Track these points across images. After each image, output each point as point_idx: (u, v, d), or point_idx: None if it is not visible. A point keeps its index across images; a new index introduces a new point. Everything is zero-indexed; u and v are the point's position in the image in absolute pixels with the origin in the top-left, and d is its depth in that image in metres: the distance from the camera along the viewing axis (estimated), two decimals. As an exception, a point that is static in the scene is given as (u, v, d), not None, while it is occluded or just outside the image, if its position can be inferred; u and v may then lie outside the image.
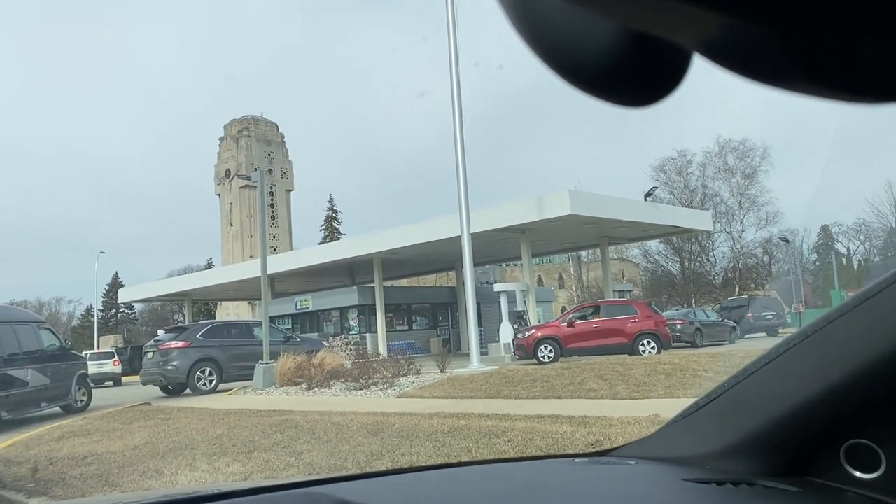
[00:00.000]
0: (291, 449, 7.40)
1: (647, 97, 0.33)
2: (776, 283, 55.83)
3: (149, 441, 8.88)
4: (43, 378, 14.41)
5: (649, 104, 0.33)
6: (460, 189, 17.37)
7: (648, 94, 0.32)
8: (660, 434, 1.30)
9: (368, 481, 1.22)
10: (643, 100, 0.33)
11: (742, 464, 1.13)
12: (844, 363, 1.01)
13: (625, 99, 0.32)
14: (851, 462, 1.08)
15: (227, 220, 64.33)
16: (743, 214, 49.00)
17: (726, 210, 49.30)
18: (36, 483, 6.66)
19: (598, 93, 0.32)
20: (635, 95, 0.32)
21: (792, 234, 53.39)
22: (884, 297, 0.98)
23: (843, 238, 62.29)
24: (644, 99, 0.33)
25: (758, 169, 48.40)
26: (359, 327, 31.75)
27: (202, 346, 18.31)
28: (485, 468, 1.45)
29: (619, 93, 0.32)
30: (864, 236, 58.60)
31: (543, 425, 7.61)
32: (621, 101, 0.32)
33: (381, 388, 13.80)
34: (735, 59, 0.28)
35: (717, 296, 48.28)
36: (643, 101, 0.33)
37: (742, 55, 0.28)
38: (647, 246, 51.96)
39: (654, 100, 0.33)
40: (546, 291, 44.37)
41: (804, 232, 61.52)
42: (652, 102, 0.33)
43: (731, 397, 1.17)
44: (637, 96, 0.32)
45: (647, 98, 0.33)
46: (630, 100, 0.33)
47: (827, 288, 49.94)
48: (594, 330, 19.22)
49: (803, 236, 60.44)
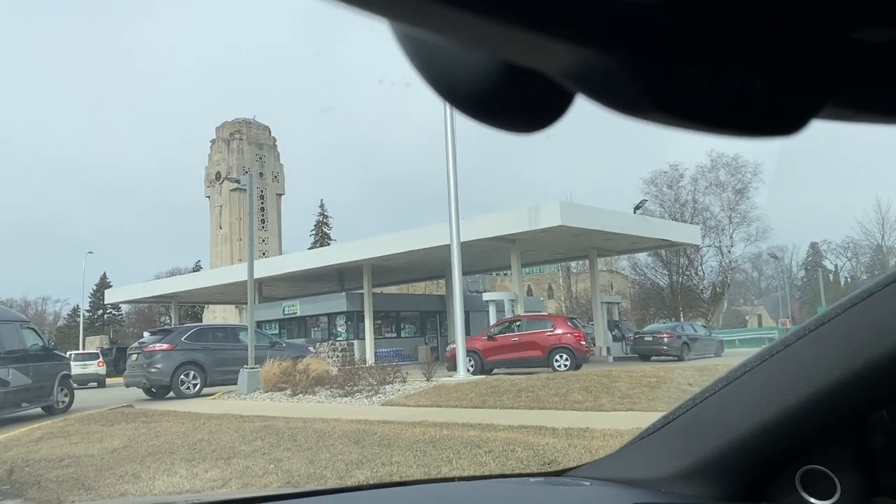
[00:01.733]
0: (271, 456, 7.34)
1: (530, 125, 0.33)
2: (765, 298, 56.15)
3: (128, 444, 8.80)
4: (24, 378, 14.27)
5: (533, 131, 0.33)
6: (451, 197, 17.37)
7: (531, 121, 0.33)
8: (617, 455, 1.29)
9: (333, 497, 1.20)
10: (528, 127, 0.33)
11: (697, 487, 1.11)
12: (801, 388, 1.00)
13: (509, 126, 0.33)
14: (807, 488, 1.07)
15: (217, 222, 64.12)
16: (732, 229, 49.18)
17: (716, 224, 49.49)
18: (11, 485, 6.59)
19: (481, 118, 0.32)
20: (518, 123, 0.33)
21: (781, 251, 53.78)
22: (840, 321, 0.97)
23: (831, 255, 62.73)
24: (527, 126, 0.33)
25: (749, 185, 48.60)
26: (346, 333, 31.65)
27: (187, 350, 18.09)
28: (438, 487, 1.43)
29: (502, 120, 0.32)
30: (851, 253, 59.02)
31: (526, 436, 7.59)
32: (505, 127, 0.33)
33: (367, 395, 13.74)
34: (594, 89, 0.29)
35: (704, 310, 48.41)
36: (526, 129, 0.33)
37: (598, 85, 0.29)
38: (636, 258, 52.07)
39: (537, 127, 0.33)
40: (535, 301, 44.33)
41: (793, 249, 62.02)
42: (537, 130, 0.33)
43: (687, 420, 1.15)
44: (519, 123, 0.33)
45: (530, 126, 0.33)
46: (514, 127, 0.33)
47: (814, 304, 50.23)
48: (512, 343, 19.30)
49: (792, 253, 60.92)
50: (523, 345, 19.29)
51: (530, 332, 19.65)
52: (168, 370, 17.61)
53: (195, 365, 18.03)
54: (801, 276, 64.28)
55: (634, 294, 58.80)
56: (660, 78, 0.28)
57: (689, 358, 23.55)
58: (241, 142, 63.86)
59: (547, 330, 19.44)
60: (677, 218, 45.51)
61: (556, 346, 18.94)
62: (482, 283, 50.80)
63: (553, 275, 65.94)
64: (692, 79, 0.28)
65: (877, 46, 0.29)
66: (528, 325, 20.15)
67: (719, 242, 49.43)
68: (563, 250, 28.93)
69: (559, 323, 19.71)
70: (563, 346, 18.90)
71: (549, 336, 19.22)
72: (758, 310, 59.13)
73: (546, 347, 19.02)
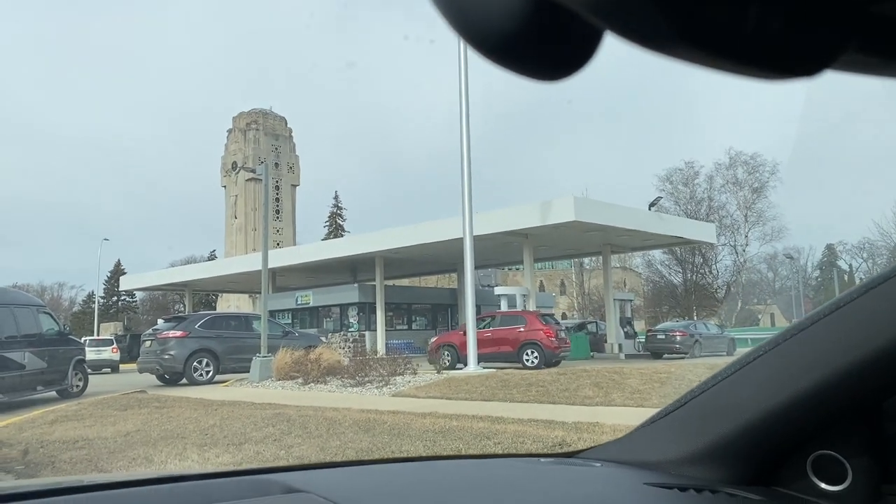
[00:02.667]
0: (282, 442, 7.40)
1: (558, 70, 0.33)
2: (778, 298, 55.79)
3: (141, 428, 8.88)
4: (40, 362, 14.43)
5: (561, 78, 0.33)
6: (464, 191, 17.37)
7: (558, 65, 0.32)
8: (628, 438, 1.30)
9: (321, 471, 1.22)
10: (553, 73, 0.33)
11: (707, 470, 1.12)
12: (813, 373, 1.00)
13: (534, 71, 0.32)
14: (818, 473, 1.07)
15: (232, 212, 64.42)
16: (748, 228, 48.83)
17: (731, 223, 49.14)
18: (26, 465, 6.67)
19: (505, 61, 0.32)
20: (544, 67, 0.32)
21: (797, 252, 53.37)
22: (853, 308, 0.97)
23: (846, 256, 62.16)
24: (554, 72, 0.33)
25: (766, 184, 48.22)
26: (358, 325, 31.72)
27: (200, 337, 18.28)
28: (448, 463, 1.44)
29: (527, 64, 0.32)
30: (867, 254, 58.44)
31: (535, 429, 7.59)
32: (531, 73, 0.32)
33: (377, 386, 13.80)
34: (620, 24, 0.29)
35: (718, 309, 48.18)
36: (554, 75, 0.33)
37: (624, 20, 0.29)
38: (651, 256, 51.86)
39: (565, 73, 0.33)
40: (547, 297, 44.24)
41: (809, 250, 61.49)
42: (564, 76, 0.33)
43: (698, 404, 1.16)
44: (546, 68, 0.32)
45: (558, 71, 0.33)
46: (540, 72, 0.32)
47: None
48: (486, 338, 19.43)
49: (808, 254, 60.42)
50: (496, 340, 19.62)
51: (503, 328, 20.01)
52: (181, 357, 17.77)
53: (208, 352, 18.19)
54: (815, 277, 63.81)
55: (648, 292, 58.59)
56: (683, 11, 0.28)
57: (701, 355, 23.47)
58: (257, 132, 64.06)
59: (519, 326, 19.79)
60: (692, 216, 45.25)
61: (525, 342, 19.29)
62: (494, 277, 50.74)
63: (566, 271, 65.78)
64: (715, 12, 0.28)
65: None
66: (502, 320, 20.54)
67: (734, 241, 49.15)
68: (576, 246, 28.84)
69: (531, 320, 19.94)
70: (532, 342, 19.22)
71: (520, 332, 19.56)
72: (771, 309, 58.75)
73: (517, 343, 19.38)
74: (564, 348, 19.49)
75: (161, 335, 18.40)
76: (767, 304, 59.62)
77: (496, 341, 19.54)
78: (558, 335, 19.59)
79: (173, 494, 0.96)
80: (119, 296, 76.16)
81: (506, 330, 19.85)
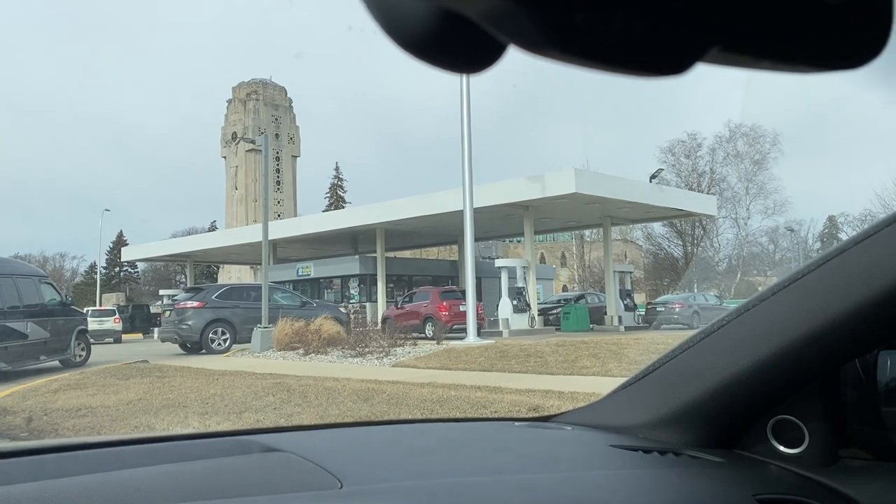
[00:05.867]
0: (282, 411, 7.50)
1: (472, 65, 0.35)
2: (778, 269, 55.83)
3: (143, 397, 9.00)
4: (42, 332, 14.55)
5: (477, 71, 0.35)
6: (464, 162, 17.35)
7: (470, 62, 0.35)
8: (600, 403, 1.35)
9: (300, 433, 1.27)
10: (467, 67, 0.35)
11: (673, 434, 1.17)
12: (774, 341, 1.05)
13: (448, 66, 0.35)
14: (778, 437, 1.12)
15: (232, 183, 64.35)
16: (749, 201, 48.75)
17: (733, 196, 49.06)
18: (29, 433, 6.78)
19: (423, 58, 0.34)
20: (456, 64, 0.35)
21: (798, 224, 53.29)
22: (811, 278, 1.02)
23: (848, 228, 62.10)
24: (469, 67, 0.35)
25: (767, 156, 48.04)
26: (359, 296, 31.85)
27: (216, 307, 18.81)
28: (422, 426, 1.50)
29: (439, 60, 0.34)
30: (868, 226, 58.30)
31: (532, 399, 7.70)
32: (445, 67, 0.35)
33: (377, 356, 13.93)
34: (500, 29, 0.31)
35: (718, 281, 48.28)
36: (468, 69, 0.35)
37: (502, 25, 0.31)
38: (651, 228, 51.84)
39: (479, 68, 0.35)
40: (547, 269, 44.34)
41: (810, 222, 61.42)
42: (478, 70, 0.35)
43: (666, 371, 1.21)
44: (458, 64, 0.35)
45: (473, 66, 0.35)
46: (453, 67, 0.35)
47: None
48: (403, 313, 22.08)
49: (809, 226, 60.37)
50: (410, 314, 21.86)
51: (415, 304, 22.56)
52: (198, 327, 18.32)
53: (225, 322, 18.68)
54: (816, 249, 63.81)
55: (648, 264, 58.66)
56: (553, 20, 0.30)
57: (699, 326, 23.61)
58: (257, 102, 63.74)
59: (424, 302, 22.26)
60: (694, 188, 45.16)
61: (426, 317, 21.47)
62: (495, 249, 50.81)
63: (566, 243, 65.84)
64: (584, 17, 0.30)
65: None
66: (417, 296, 23.18)
67: (735, 214, 49.11)
68: (577, 218, 28.83)
69: (433, 296, 22.40)
70: (430, 316, 21.30)
71: (424, 307, 21.99)
72: (770, 280, 58.79)
73: (421, 317, 21.57)
74: (457, 322, 20.33)
75: (179, 305, 19.01)
76: (767, 275, 59.74)
77: (409, 315, 21.69)
78: (452, 310, 21.13)
79: (153, 453, 1.01)
80: (121, 267, 76.36)
81: (416, 305, 22.33)
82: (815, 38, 0.33)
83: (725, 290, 46.16)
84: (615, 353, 12.16)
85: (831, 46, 0.33)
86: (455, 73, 0.36)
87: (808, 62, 0.34)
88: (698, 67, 0.33)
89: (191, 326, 18.33)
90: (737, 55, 0.33)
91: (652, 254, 56.80)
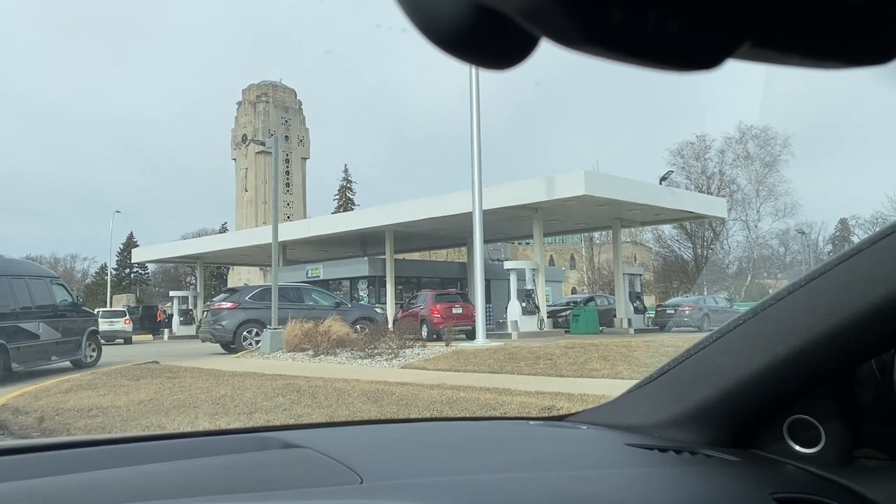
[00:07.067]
0: (292, 412, 7.52)
1: (505, 60, 0.35)
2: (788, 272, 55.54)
3: (154, 398, 9.04)
4: (54, 332, 14.64)
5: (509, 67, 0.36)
6: (473, 164, 17.36)
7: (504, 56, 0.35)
8: (614, 403, 1.35)
9: (319, 430, 1.28)
10: (501, 63, 0.36)
11: (688, 433, 1.17)
12: (790, 341, 1.05)
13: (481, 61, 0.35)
14: (793, 436, 1.12)
15: (242, 185, 64.54)
16: (760, 203, 48.50)
17: (743, 198, 48.81)
18: (41, 432, 6.83)
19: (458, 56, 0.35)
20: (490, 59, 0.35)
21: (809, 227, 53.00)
22: (827, 278, 1.02)
23: (859, 231, 61.72)
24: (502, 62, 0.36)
25: (778, 158, 47.79)
26: (368, 298, 31.89)
27: (249, 308, 19.29)
28: (440, 424, 1.51)
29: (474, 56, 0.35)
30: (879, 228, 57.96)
31: (542, 401, 7.68)
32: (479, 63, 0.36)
33: (387, 358, 13.94)
34: (538, 24, 0.32)
35: (728, 284, 48.07)
36: (501, 65, 0.36)
37: (540, 20, 0.31)
38: (661, 230, 51.65)
39: (512, 62, 0.36)
40: (556, 271, 44.24)
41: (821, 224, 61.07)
42: (511, 65, 0.36)
43: (681, 371, 1.21)
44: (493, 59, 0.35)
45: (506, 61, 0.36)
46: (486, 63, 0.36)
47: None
48: (408, 314, 22.85)
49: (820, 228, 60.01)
50: (412, 317, 22.28)
51: (415, 307, 23.26)
52: (231, 327, 18.88)
53: (257, 322, 18.99)
54: (827, 251, 63.46)
55: (658, 267, 58.44)
56: (589, 16, 0.31)
57: (709, 329, 23.53)
58: (267, 105, 63.92)
59: (421, 305, 22.86)
60: (703, 190, 44.98)
61: (422, 319, 22.00)
62: (504, 251, 50.77)
63: (576, 245, 65.70)
64: (618, 17, 0.31)
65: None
66: (416, 300, 24.00)
67: (746, 216, 48.87)
68: (586, 220, 28.77)
69: (429, 300, 22.76)
70: (424, 318, 21.96)
71: (421, 310, 22.55)
72: (781, 283, 58.56)
73: (418, 319, 22.02)
74: (450, 324, 20.57)
75: (214, 306, 19.66)
76: (778, 278, 59.46)
77: (411, 317, 22.12)
78: (444, 313, 21.65)
79: (171, 449, 1.02)
80: (131, 268, 76.73)
81: (416, 308, 22.93)
82: (843, 33, 0.33)
83: (736, 293, 45.94)
84: (625, 355, 12.13)
85: (859, 42, 0.33)
86: (486, 69, 0.36)
87: (835, 57, 0.34)
88: (727, 63, 0.33)
89: (224, 327, 18.93)
90: (766, 51, 0.33)
91: (662, 256, 56.59)
